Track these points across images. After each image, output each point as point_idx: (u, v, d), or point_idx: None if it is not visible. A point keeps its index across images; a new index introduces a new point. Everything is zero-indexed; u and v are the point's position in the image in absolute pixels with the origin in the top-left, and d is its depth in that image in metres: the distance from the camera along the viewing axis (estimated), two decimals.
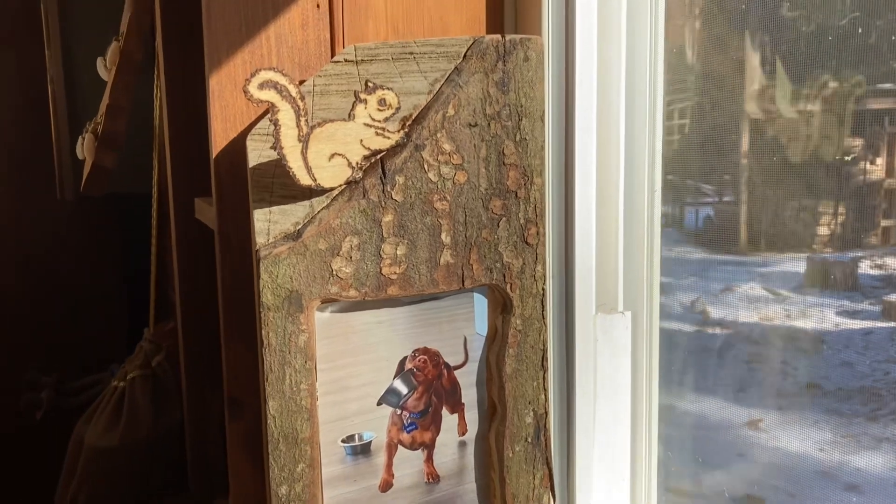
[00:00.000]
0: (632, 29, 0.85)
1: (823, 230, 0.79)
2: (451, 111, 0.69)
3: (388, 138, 0.67)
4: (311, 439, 0.69)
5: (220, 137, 0.77)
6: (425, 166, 0.69)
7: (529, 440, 0.77)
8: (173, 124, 0.93)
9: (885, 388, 0.74)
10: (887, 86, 0.74)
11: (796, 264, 0.80)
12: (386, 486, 0.74)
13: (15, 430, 1.40)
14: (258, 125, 0.72)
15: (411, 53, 0.71)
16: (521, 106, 0.72)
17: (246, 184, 0.77)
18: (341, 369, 0.72)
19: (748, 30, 0.83)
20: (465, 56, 0.69)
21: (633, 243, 0.89)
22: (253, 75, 0.63)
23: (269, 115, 0.65)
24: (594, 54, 0.82)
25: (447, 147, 0.69)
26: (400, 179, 0.68)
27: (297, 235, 0.67)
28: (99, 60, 1.13)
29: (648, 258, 0.89)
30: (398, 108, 0.67)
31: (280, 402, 0.68)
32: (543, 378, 0.77)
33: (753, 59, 0.84)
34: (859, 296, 0.76)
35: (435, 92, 0.69)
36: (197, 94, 0.94)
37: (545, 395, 0.77)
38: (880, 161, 0.77)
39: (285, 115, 0.64)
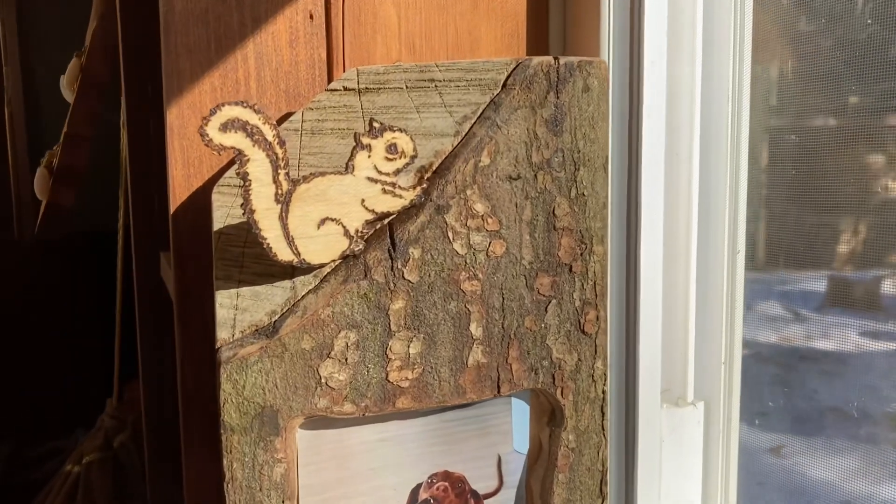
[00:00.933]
0: (709, 49, 0.67)
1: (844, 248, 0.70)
2: (485, 160, 0.51)
3: (400, 197, 0.49)
4: None
5: (180, 187, 0.59)
6: (450, 234, 0.50)
7: None
8: (135, 163, 0.76)
9: None
10: None
11: (816, 283, 0.72)
12: None
13: None
14: (228, 174, 0.54)
15: (432, 81, 0.53)
16: (579, 151, 0.53)
17: (211, 248, 0.59)
18: (333, 503, 0.53)
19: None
20: (504, 85, 0.51)
21: (707, 316, 0.71)
22: (213, 112, 0.45)
23: (235, 167, 0.47)
24: (664, 81, 0.64)
25: (480, 208, 0.51)
26: (415, 253, 0.50)
27: (272, 330, 0.49)
28: (62, 79, 0.96)
29: (728, 334, 0.71)
30: (414, 157, 0.49)
31: None
32: None
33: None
34: (883, 316, 0.68)
35: (464, 134, 0.51)
36: (163, 129, 0.76)
37: None
38: None
39: (258, 166, 0.46)
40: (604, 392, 0.57)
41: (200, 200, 0.59)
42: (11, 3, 1.11)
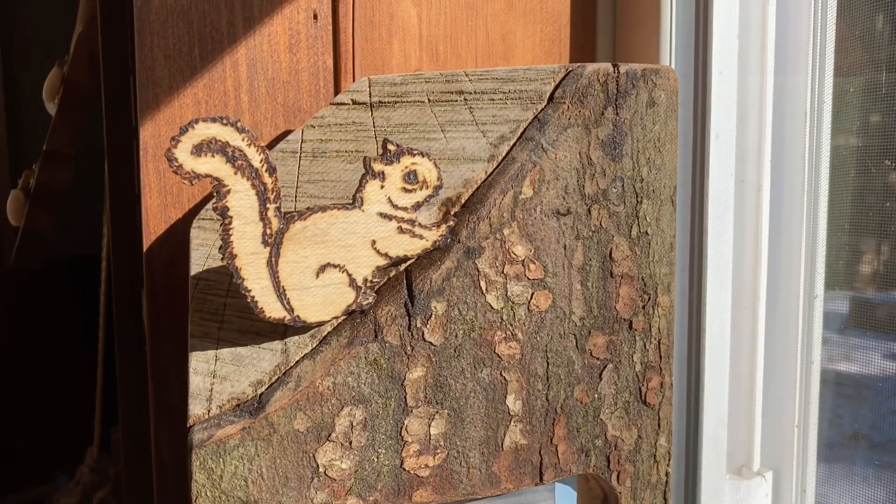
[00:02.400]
0: (782, 59, 0.57)
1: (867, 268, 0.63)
2: (527, 191, 0.41)
3: (421, 238, 0.39)
4: None
5: (155, 219, 0.49)
6: (483, 284, 0.40)
7: None
8: (115, 189, 0.66)
9: None
10: None
11: (839, 304, 0.65)
12: None
13: None
14: (210, 204, 0.45)
15: (461, 93, 0.43)
16: (642, 180, 0.43)
17: (184, 289, 0.49)
18: None
19: None
20: (551, 98, 0.41)
21: (777, 372, 0.60)
22: (184, 131, 0.35)
23: (213, 202, 0.37)
24: (734, 96, 0.54)
25: (520, 251, 0.41)
26: (439, 307, 0.40)
27: (258, 406, 0.39)
28: (45, 92, 0.86)
29: (803, 394, 0.60)
30: (438, 187, 0.39)
31: None
32: None
33: None
34: None
35: (500, 158, 0.41)
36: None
37: None
38: None
39: (241, 199, 0.37)
40: (667, 475, 0.47)
41: (179, 235, 0.49)
42: None
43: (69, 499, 0.80)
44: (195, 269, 0.43)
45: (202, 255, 0.44)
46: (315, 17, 0.51)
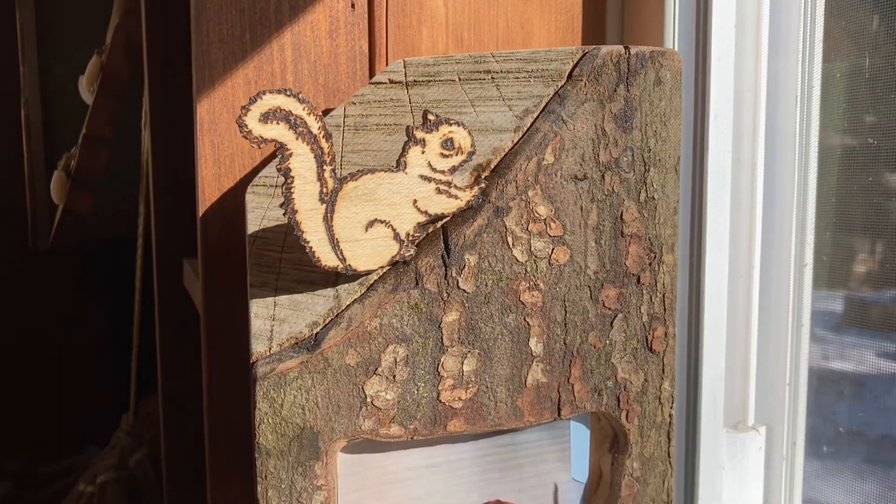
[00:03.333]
0: (775, 45, 0.63)
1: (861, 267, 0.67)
2: (548, 157, 0.46)
3: (456, 198, 0.44)
4: None
5: (210, 187, 0.54)
6: (510, 239, 0.46)
7: None
8: (158, 165, 0.71)
9: None
10: None
11: (833, 303, 0.69)
12: None
13: None
14: (263, 172, 0.50)
15: (488, 72, 0.48)
16: (649, 150, 0.49)
17: (244, 254, 0.54)
18: None
19: None
20: (570, 76, 0.47)
21: (771, 334, 0.66)
22: (253, 101, 0.41)
23: (277, 163, 0.42)
24: (731, 80, 0.60)
25: (542, 211, 0.46)
26: (471, 259, 0.45)
27: (313, 343, 0.44)
28: (81, 80, 0.92)
29: (794, 354, 0.66)
30: (472, 153, 0.44)
31: None
32: None
33: None
34: None
35: (525, 129, 0.46)
36: (189, 128, 0.72)
37: None
38: None
39: (301, 161, 0.42)
40: (671, 416, 0.52)
41: (231, 202, 0.55)
42: (30, 2, 1.07)
43: (107, 461, 0.85)
44: (252, 228, 0.48)
45: (258, 217, 0.49)
46: (353, 6, 0.56)
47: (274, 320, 0.45)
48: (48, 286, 1.20)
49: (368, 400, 0.45)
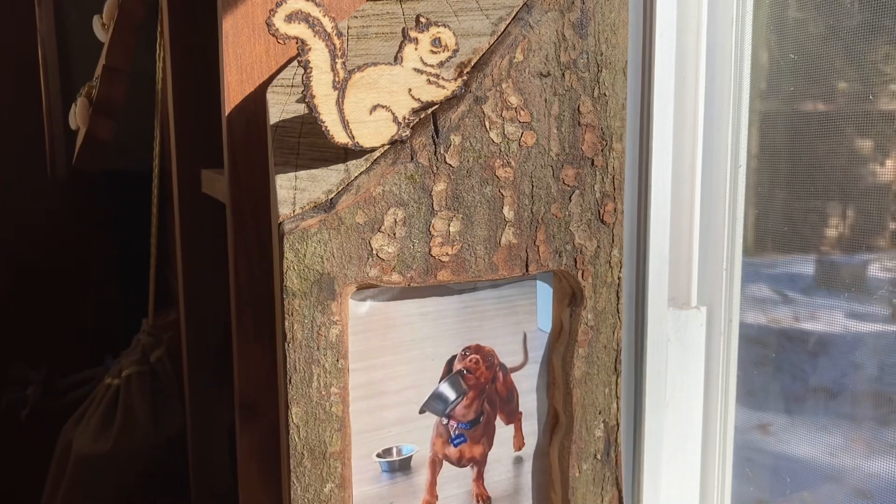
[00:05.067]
0: None
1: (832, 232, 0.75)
2: (518, 56, 0.56)
3: (443, 88, 0.55)
4: (341, 454, 0.57)
5: (234, 91, 0.64)
6: (487, 124, 0.56)
7: (598, 457, 0.64)
8: (178, 85, 0.81)
9: None
10: None
11: (805, 266, 0.76)
12: None
13: None
14: (280, 76, 0.60)
15: None
16: (601, 54, 0.59)
17: (265, 146, 0.64)
18: (378, 370, 0.59)
19: None
20: None
21: (710, 226, 0.77)
22: (279, 5, 0.51)
23: (297, 56, 0.52)
24: (675, 2, 0.70)
25: (514, 101, 0.57)
26: (456, 139, 0.56)
27: (329, 206, 0.55)
28: (95, 19, 1.00)
29: (729, 244, 0.77)
30: (455, 51, 0.54)
31: (305, 409, 0.56)
32: (616, 383, 0.65)
33: None
34: (868, 298, 0.72)
35: (500, 33, 0.57)
36: (206, 53, 0.81)
37: (617, 404, 0.65)
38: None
39: (318, 55, 0.52)
40: (619, 278, 0.64)
41: (252, 103, 0.64)
42: None
43: (131, 357, 0.95)
44: (273, 120, 0.58)
45: (278, 111, 0.59)
46: None
47: (296, 190, 0.55)
48: (65, 215, 1.29)
49: (374, 252, 0.55)
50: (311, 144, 0.57)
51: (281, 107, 0.59)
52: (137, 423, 0.90)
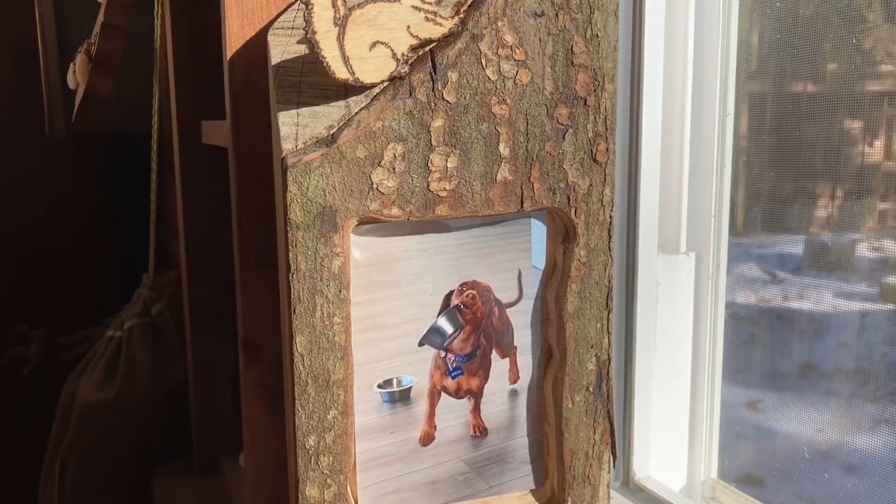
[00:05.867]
0: None
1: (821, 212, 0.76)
2: None
3: (441, 25, 0.56)
4: (344, 382, 0.59)
5: (235, 36, 0.66)
6: (483, 61, 0.58)
7: (591, 389, 0.67)
8: (177, 39, 0.82)
9: (883, 370, 0.73)
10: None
11: (793, 246, 0.78)
12: (427, 439, 0.64)
13: (1, 387, 1.30)
14: (281, 19, 0.61)
15: None
16: None
17: (265, 89, 0.66)
18: (379, 303, 0.62)
19: None
20: None
21: (699, 175, 0.79)
22: None
23: None
24: None
25: (509, 39, 0.58)
26: (453, 76, 0.58)
27: (331, 140, 0.56)
28: None
29: (717, 193, 0.79)
30: None
31: (309, 338, 0.58)
32: (607, 319, 0.67)
33: None
34: (856, 278, 0.74)
35: None
36: (203, 8, 0.83)
37: (608, 339, 0.67)
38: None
39: None
40: (611, 217, 0.66)
41: (253, 47, 0.66)
42: None
43: (133, 310, 0.97)
44: (275, 61, 0.60)
45: (279, 52, 0.60)
46: None
47: (298, 126, 0.57)
48: (66, 174, 1.31)
49: (374, 186, 0.57)
50: (312, 83, 0.58)
51: (282, 48, 0.60)
52: (140, 372, 0.92)
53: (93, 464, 0.91)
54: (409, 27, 0.56)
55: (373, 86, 0.57)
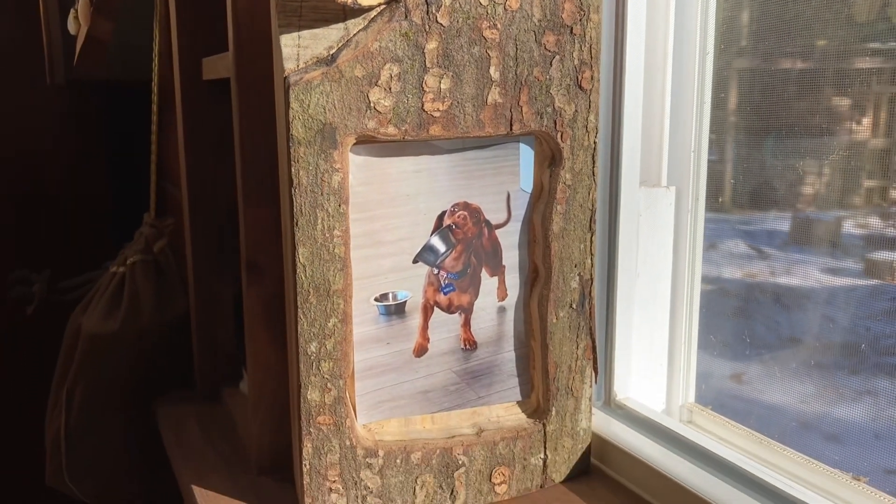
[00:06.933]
0: None
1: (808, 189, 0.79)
2: None
3: None
4: (343, 292, 0.63)
5: None
6: None
7: (574, 306, 0.71)
8: None
9: (866, 343, 0.74)
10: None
11: (780, 223, 0.80)
12: (420, 350, 0.69)
13: (5, 326, 1.33)
14: None
15: None
16: None
17: (266, 19, 0.69)
18: (376, 221, 0.65)
19: None
20: None
21: (680, 112, 0.83)
22: None
23: None
24: None
25: None
26: (447, 0, 0.61)
27: (330, 60, 0.60)
28: None
29: (697, 130, 0.83)
30: None
31: (311, 250, 0.62)
32: (590, 240, 0.71)
33: None
34: (841, 254, 0.76)
35: None
36: None
37: (591, 260, 0.71)
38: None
39: None
40: (595, 143, 0.69)
41: None
42: None
43: (135, 247, 1.00)
44: None
45: None
46: None
47: (299, 47, 0.60)
48: (67, 120, 1.33)
49: (372, 105, 0.61)
50: (312, 7, 0.61)
51: None
52: (142, 306, 0.96)
53: (98, 391, 0.95)
54: None
55: (370, 8, 0.60)
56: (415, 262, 0.67)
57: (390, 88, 0.61)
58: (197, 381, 0.96)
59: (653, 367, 0.86)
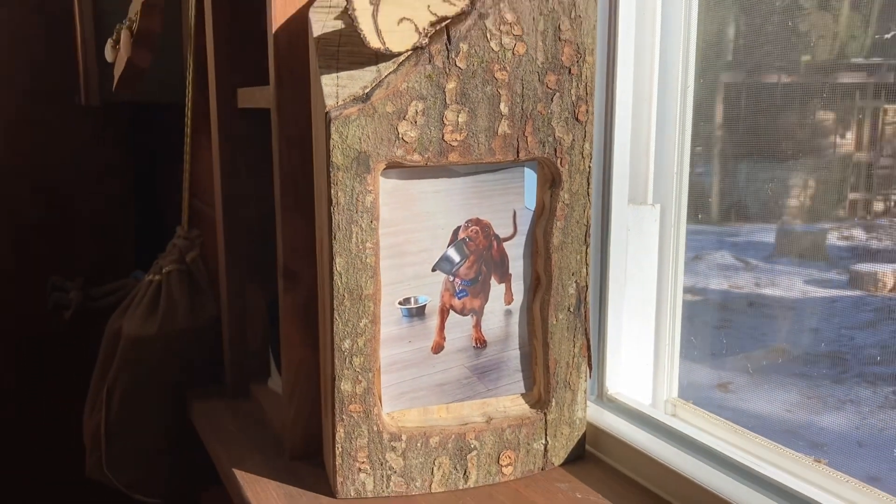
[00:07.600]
0: None
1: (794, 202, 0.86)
2: None
3: (454, 5, 0.70)
4: (373, 296, 0.73)
5: (279, 13, 0.78)
6: (488, 35, 0.71)
7: (571, 309, 0.81)
8: (217, 17, 0.95)
9: (850, 353, 0.78)
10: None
11: (766, 234, 0.85)
12: (437, 348, 0.78)
13: (43, 332, 1.42)
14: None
15: None
16: None
17: (305, 58, 0.79)
18: (401, 234, 0.75)
19: None
20: None
21: (664, 137, 0.93)
22: None
23: None
24: None
25: (509, 17, 0.72)
26: (464, 47, 0.71)
27: (365, 98, 0.70)
28: None
29: (679, 155, 0.93)
30: None
31: (346, 260, 0.71)
32: (586, 252, 0.81)
33: None
34: (826, 265, 0.80)
35: None
36: None
37: (586, 269, 0.82)
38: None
39: None
40: (589, 167, 0.80)
41: (294, 22, 0.79)
42: None
43: (170, 257, 1.10)
44: (316, 33, 0.73)
45: (319, 26, 0.73)
46: None
47: (338, 86, 0.70)
48: (100, 140, 1.43)
49: (400, 136, 0.71)
50: (348, 52, 0.71)
51: (322, 23, 0.73)
52: (178, 310, 1.05)
53: (137, 388, 1.04)
54: (429, 6, 0.69)
55: (399, 54, 0.70)
56: (433, 270, 0.77)
57: (416, 122, 0.71)
58: (227, 378, 1.05)
59: (640, 366, 0.96)
